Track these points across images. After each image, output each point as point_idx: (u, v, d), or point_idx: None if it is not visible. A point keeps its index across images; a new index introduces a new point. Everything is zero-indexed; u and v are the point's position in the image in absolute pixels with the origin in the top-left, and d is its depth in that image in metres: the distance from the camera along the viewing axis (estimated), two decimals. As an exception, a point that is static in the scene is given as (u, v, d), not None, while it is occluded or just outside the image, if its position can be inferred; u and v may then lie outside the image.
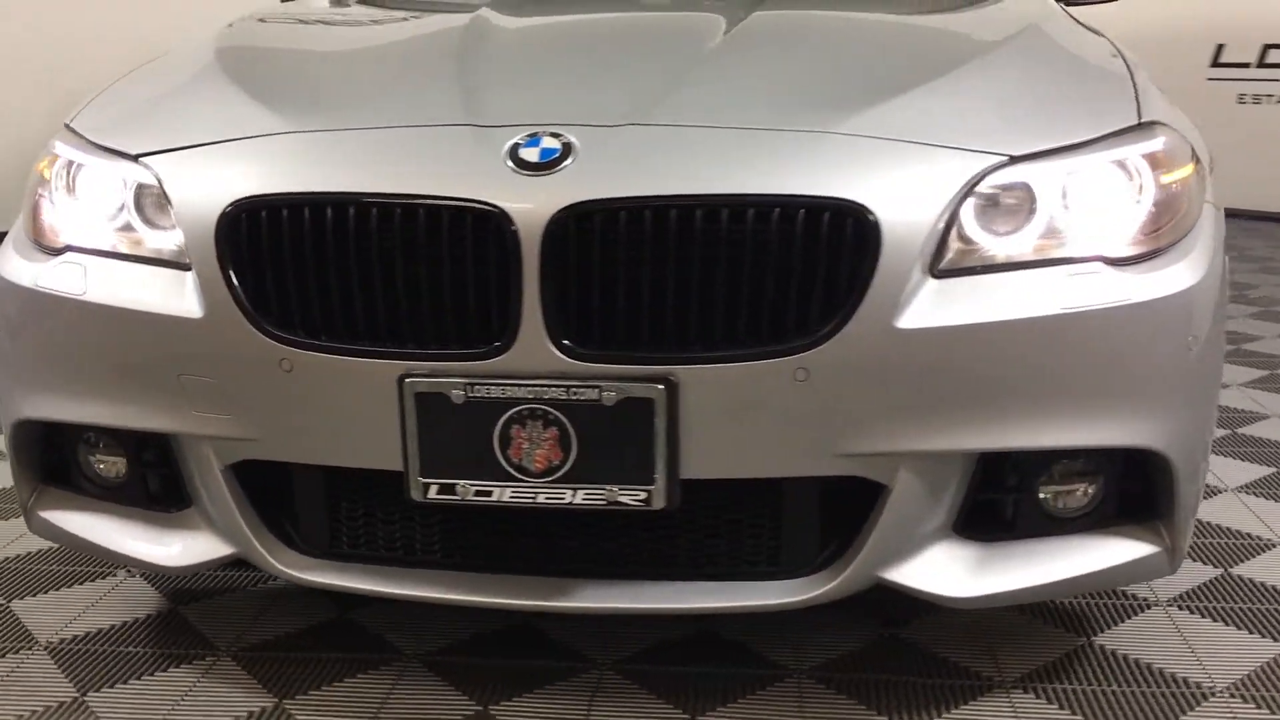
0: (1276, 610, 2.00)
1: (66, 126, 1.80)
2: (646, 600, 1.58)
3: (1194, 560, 2.18)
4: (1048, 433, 1.54)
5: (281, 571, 1.66)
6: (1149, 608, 2.00)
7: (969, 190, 1.51)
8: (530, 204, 1.44)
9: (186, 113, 1.75)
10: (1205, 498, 2.44)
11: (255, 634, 1.93)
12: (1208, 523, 2.36)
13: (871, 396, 1.48)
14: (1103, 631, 1.92)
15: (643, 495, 1.48)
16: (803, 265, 1.44)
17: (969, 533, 1.62)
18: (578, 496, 1.49)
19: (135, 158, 1.65)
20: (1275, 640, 1.90)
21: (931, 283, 1.49)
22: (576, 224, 1.43)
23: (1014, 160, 1.53)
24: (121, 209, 1.65)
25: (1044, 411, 1.53)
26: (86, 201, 1.69)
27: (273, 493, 1.66)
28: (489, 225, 1.44)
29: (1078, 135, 1.59)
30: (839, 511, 1.58)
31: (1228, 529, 2.34)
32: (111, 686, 1.79)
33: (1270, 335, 4.00)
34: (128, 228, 1.64)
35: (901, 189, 1.47)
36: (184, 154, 1.63)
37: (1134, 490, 1.64)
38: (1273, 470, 2.66)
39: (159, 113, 1.79)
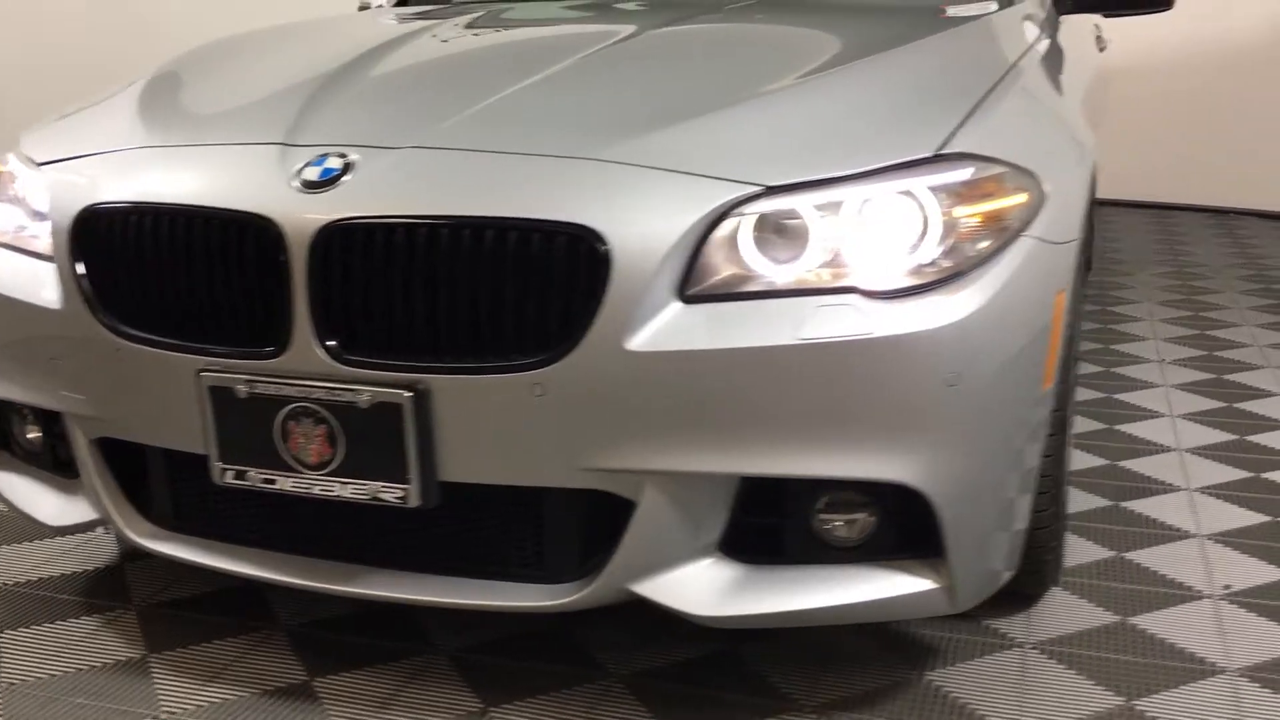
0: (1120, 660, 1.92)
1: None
2: (410, 591, 1.70)
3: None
4: (797, 461, 1.55)
5: (133, 540, 1.87)
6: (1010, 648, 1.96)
7: (719, 218, 1.54)
8: (301, 219, 1.58)
9: (95, 126, 1.99)
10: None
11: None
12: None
13: (607, 415, 1.54)
14: (941, 668, 1.89)
15: (400, 493, 1.60)
16: (539, 286, 1.52)
17: (737, 554, 1.65)
18: (346, 490, 1.62)
19: (39, 165, 1.89)
20: (1112, 691, 1.83)
21: (678, 306, 1.54)
22: (340, 239, 1.56)
23: (771, 191, 1.56)
24: (22, 210, 1.89)
25: (792, 440, 1.54)
26: (7, 203, 1.94)
27: (133, 467, 1.87)
28: (267, 237, 1.59)
29: (855, 166, 1.60)
30: (606, 523, 1.64)
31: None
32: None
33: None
34: (21, 226, 1.88)
35: (641, 215, 1.53)
36: (71, 163, 1.86)
37: (912, 526, 1.62)
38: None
39: (81, 126, 2.03)
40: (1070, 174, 1.84)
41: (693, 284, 1.55)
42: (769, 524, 1.65)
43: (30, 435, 2.02)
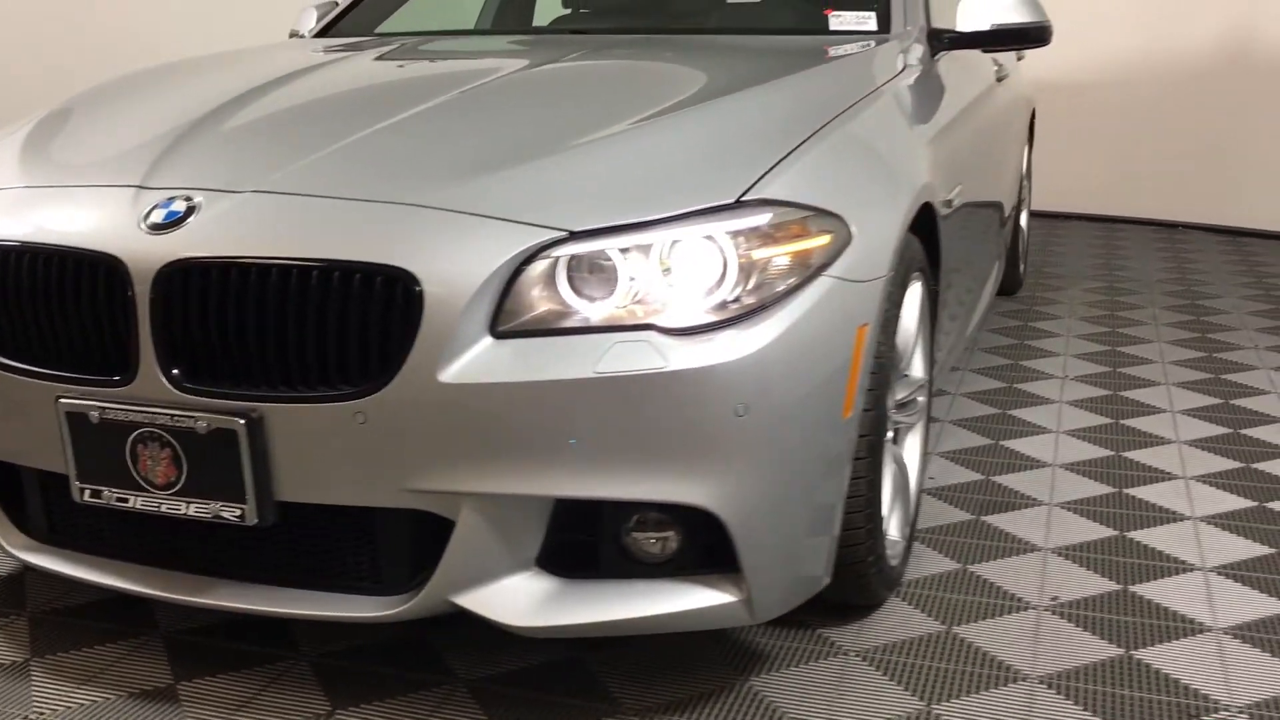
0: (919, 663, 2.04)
1: None
2: (256, 602, 1.83)
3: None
4: (602, 485, 1.69)
5: (9, 551, 2.00)
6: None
7: (526, 261, 1.68)
8: (145, 258, 1.71)
9: None
10: (997, 557, 2.46)
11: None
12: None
13: (424, 441, 1.67)
14: (766, 674, 2.02)
15: (239, 512, 1.73)
16: (359, 322, 1.66)
17: (554, 568, 1.78)
18: (191, 508, 1.76)
19: None
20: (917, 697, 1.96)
21: (489, 342, 1.67)
22: (180, 277, 1.70)
23: (575, 235, 1.69)
24: None
25: (596, 465, 1.68)
26: None
27: (10, 483, 2.00)
28: (116, 275, 1.73)
29: (660, 211, 1.73)
30: (433, 539, 1.77)
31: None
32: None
33: None
34: None
35: (452, 258, 1.66)
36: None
37: (712, 544, 1.76)
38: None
39: None
40: (882, 215, 1.97)
41: (504, 321, 1.68)
42: (583, 541, 1.78)
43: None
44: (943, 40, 2.89)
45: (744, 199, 1.77)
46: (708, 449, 1.68)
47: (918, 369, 2.41)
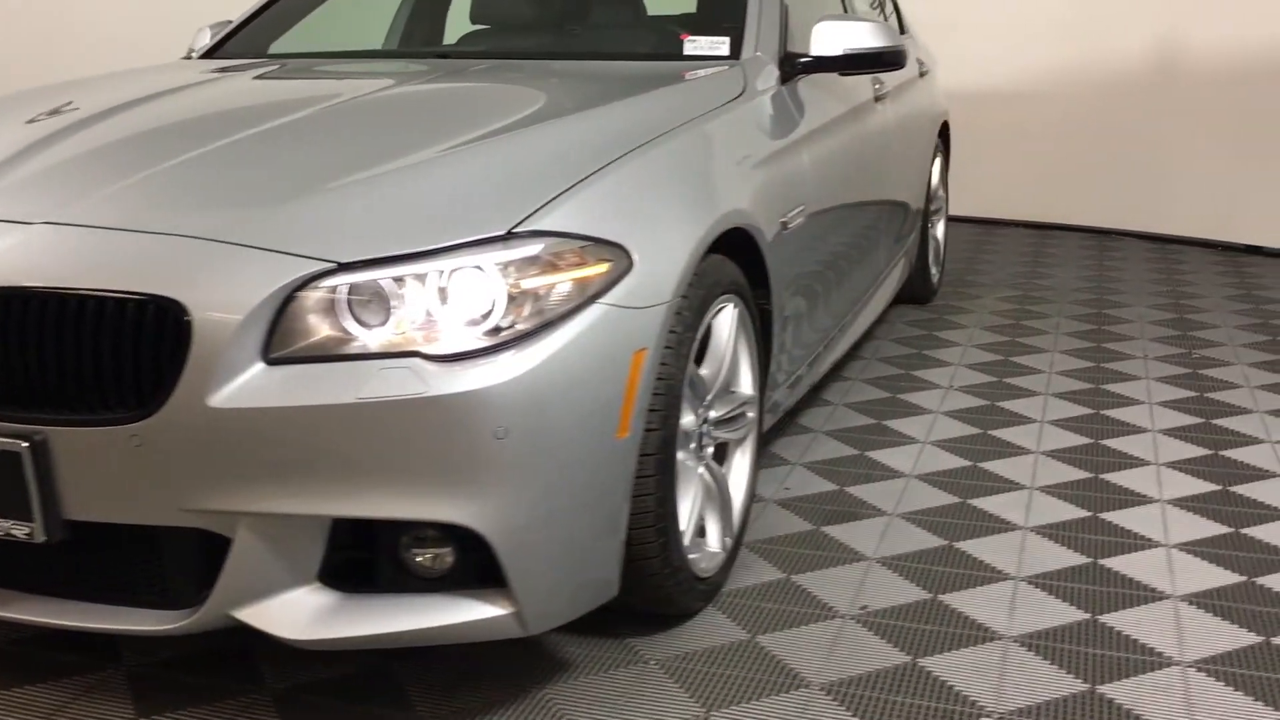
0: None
1: None
2: (52, 615, 1.90)
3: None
4: (372, 505, 1.77)
5: None
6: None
7: (296, 289, 1.76)
8: (-63, 288, 1.79)
9: None
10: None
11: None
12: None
13: (197, 463, 1.75)
14: (564, 682, 2.10)
15: (27, 529, 1.81)
16: (134, 350, 1.74)
17: (336, 583, 1.86)
18: (-16, 525, 1.84)
19: None
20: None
21: (261, 368, 1.75)
22: (-33, 306, 1.78)
23: (343, 267, 1.77)
24: None
25: (366, 486, 1.76)
26: None
27: None
28: (-86, 302, 1.81)
29: (432, 243, 1.81)
30: (219, 556, 1.85)
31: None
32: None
33: None
34: None
35: (222, 288, 1.74)
36: None
37: (483, 560, 1.84)
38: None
39: None
40: (670, 242, 2.06)
41: (277, 348, 1.76)
42: (362, 557, 1.86)
43: None
44: (795, 65, 2.97)
45: (515, 231, 1.86)
46: (470, 470, 1.76)
47: (744, 386, 2.50)
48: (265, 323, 1.75)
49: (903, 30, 4.87)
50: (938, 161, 4.99)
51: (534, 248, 1.85)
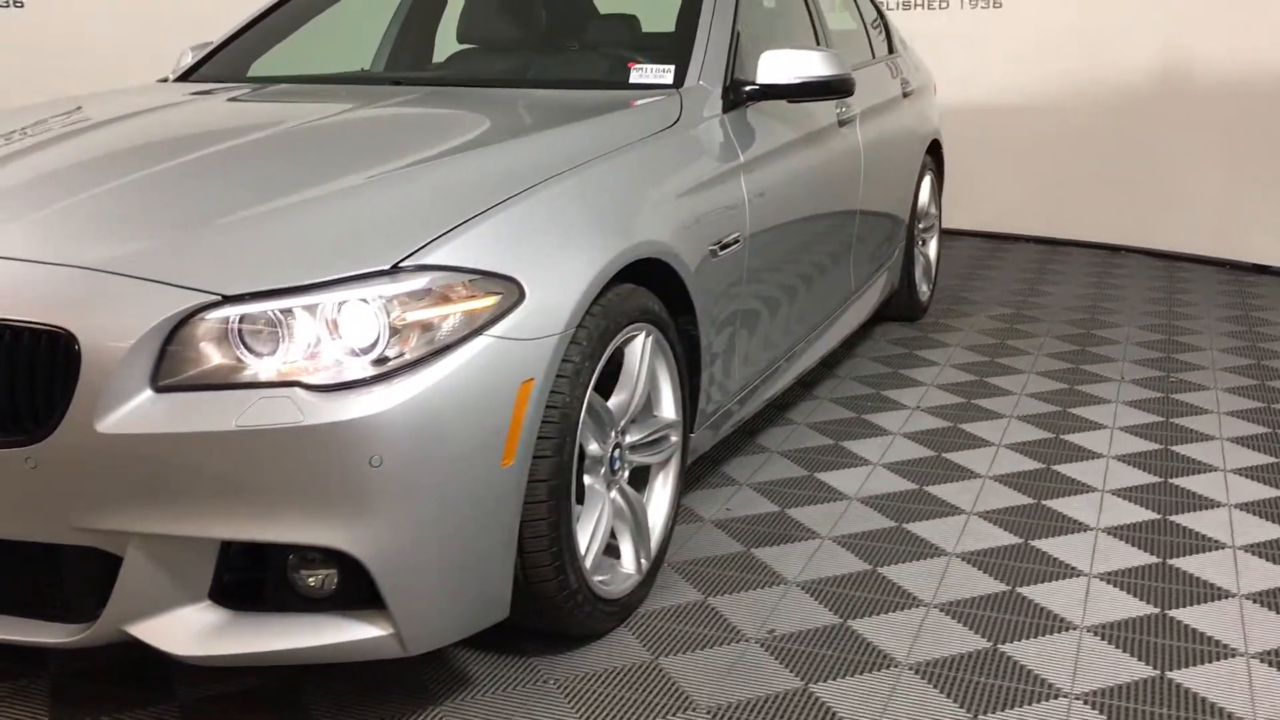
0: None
1: None
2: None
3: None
4: (255, 528, 1.85)
5: None
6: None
7: (182, 321, 1.84)
8: None
9: None
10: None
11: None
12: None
13: (87, 484, 1.84)
14: (461, 699, 2.17)
15: (-69, 544, 1.91)
16: (26, 375, 1.83)
17: (226, 601, 1.94)
18: (-107, 538, 1.94)
19: None
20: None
21: (149, 395, 1.84)
22: (-120, 334, 1.88)
23: (227, 299, 1.85)
24: None
25: (247, 509, 1.84)
26: None
27: None
28: None
29: (318, 276, 1.89)
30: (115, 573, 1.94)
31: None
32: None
33: None
34: None
35: (110, 318, 1.83)
36: None
37: (364, 582, 1.91)
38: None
39: None
40: (566, 274, 2.11)
41: (165, 375, 1.84)
42: (251, 577, 1.94)
43: None
44: (742, 93, 3.02)
45: (401, 265, 1.93)
46: (345, 497, 1.83)
47: (666, 410, 2.55)
48: (153, 352, 1.83)
49: (892, 49, 4.89)
50: (927, 180, 5.00)
51: (419, 281, 1.92)
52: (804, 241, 3.36)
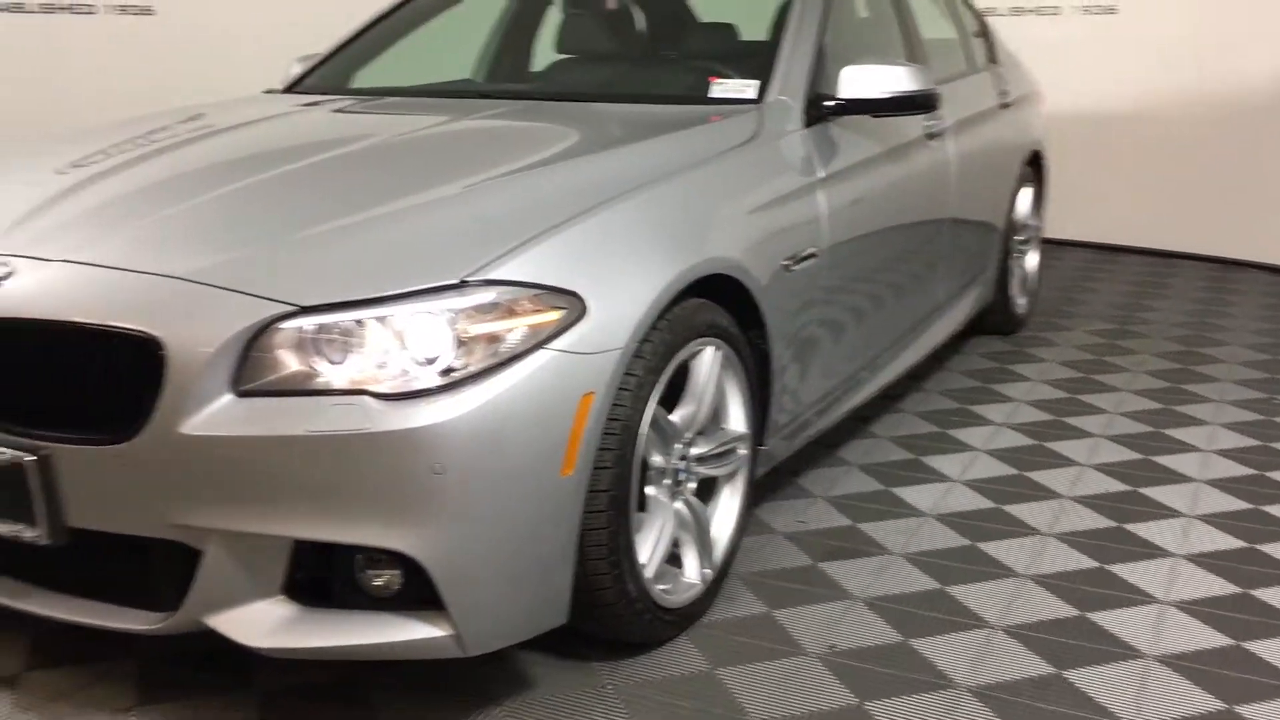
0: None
1: None
2: (53, 608, 2.12)
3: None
4: (325, 529, 1.94)
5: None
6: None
7: (262, 329, 1.94)
8: (-34, 315, 2.05)
9: None
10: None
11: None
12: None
13: (172, 483, 1.95)
14: (517, 699, 2.24)
15: (34, 533, 2.04)
16: (119, 379, 1.95)
17: (298, 596, 2.04)
18: (2, 528, 2.08)
19: None
20: None
21: (229, 399, 1.94)
22: (-11, 332, 2.03)
23: (303, 310, 1.95)
24: None
25: (317, 511, 1.93)
26: None
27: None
28: (-56, 327, 2.06)
29: (389, 290, 1.97)
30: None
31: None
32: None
33: None
34: None
35: (194, 326, 1.94)
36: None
37: (426, 583, 1.99)
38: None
39: None
40: (631, 291, 2.16)
41: (245, 381, 1.95)
42: (321, 575, 2.03)
43: None
44: (823, 108, 3.03)
45: (468, 280, 2.00)
46: (408, 502, 1.91)
47: (735, 424, 2.58)
48: (234, 358, 1.94)
49: (993, 59, 4.83)
50: (1027, 191, 4.93)
51: (485, 296, 1.99)
52: (885, 255, 3.35)
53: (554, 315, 2.04)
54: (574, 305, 2.07)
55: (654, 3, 4.02)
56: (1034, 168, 5.04)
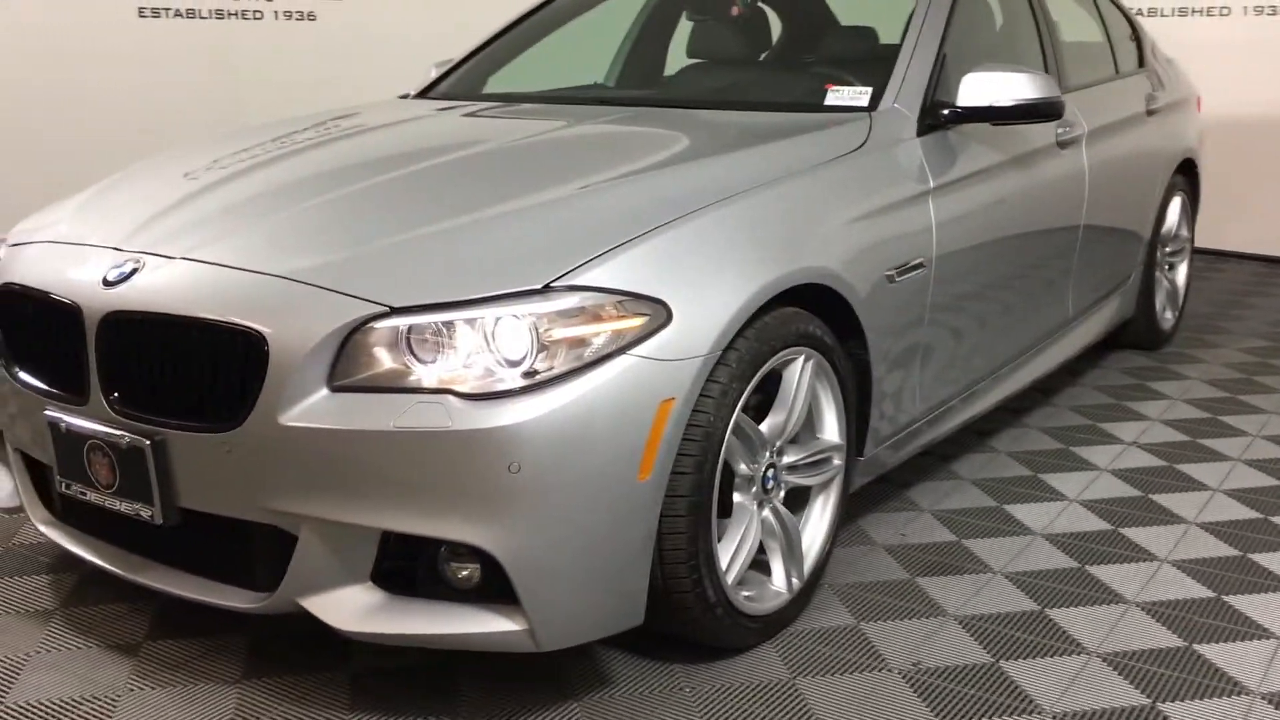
0: None
1: None
2: (165, 582, 2.28)
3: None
4: (408, 521, 2.03)
5: (37, 525, 2.56)
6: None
7: (355, 328, 2.03)
8: (96, 309, 2.21)
9: (41, 218, 2.71)
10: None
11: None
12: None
13: (271, 471, 2.07)
14: (594, 694, 2.28)
15: (149, 512, 2.19)
16: (226, 370, 2.08)
17: (386, 584, 2.13)
18: (121, 506, 2.23)
19: (5, 245, 2.63)
20: None
21: (325, 393, 2.05)
22: (114, 325, 2.18)
23: (394, 311, 2.03)
24: None
25: (401, 503, 2.02)
26: None
27: (40, 470, 2.56)
28: (77, 319, 2.23)
29: (476, 293, 2.05)
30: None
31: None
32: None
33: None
34: None
35: (295, 322, 2.05)
36: (18, 247, 2.58)
37: (503, 578, 2.05)
38: None
39: (38, 216, 2.75)
40: (716, 299, 2.17)
41: (339, 376, 2.05)
42: (407, 565, 2.12)
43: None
44: (940, 116, 2.99)
45: (552, 285, 2.05)
46: (485, 498, 1.98)
47: (829, 433, 2.58)
48: (330, 354, 2.04)
49: (1143, 64, 4.66)
50: (1176, 201, 4.74)
51: (569, 301, 2.05)
52: (1005, 267, 3.28)
53: (638, 321, 2.08)
54: (658, 312, 2.10)
55: (792, 7, 4.02)
56: (1186, 176, 4.83)
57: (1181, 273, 5.00)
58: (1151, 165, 4.39)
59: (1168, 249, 4.81)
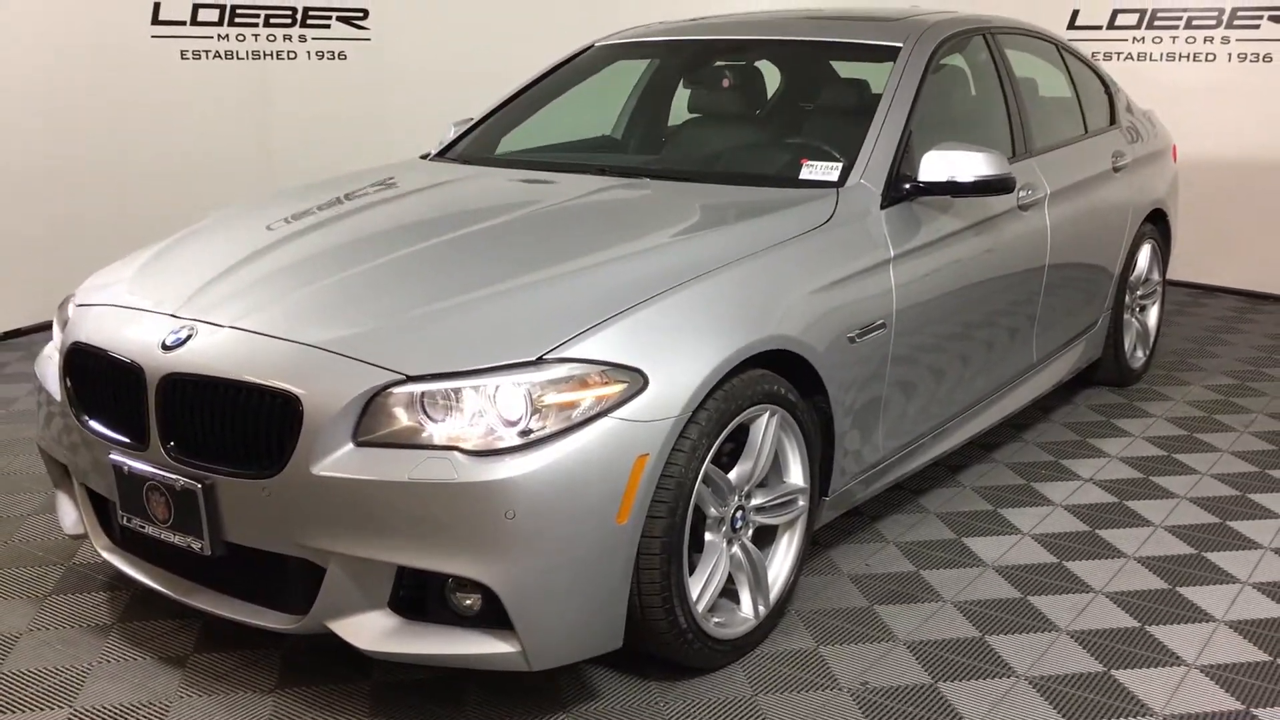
0: None
1: None
2: (212, 605, 2.64)
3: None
4: (419, 558, 2.38)
5: (99, 550, 2.94)
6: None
7: (376, 393, 2.39)
8: (155, 369, 2.57)
9: (105, 278, 3.09)
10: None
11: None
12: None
13: (303, 513, 2.43)
14: (581, 706, 2.63)
15: (200, 545, 2.56)
16: (266, 426, 2.44)
17: (401, 610, 2.49)
18: (176, 539, 2.60)
19: (77, 305, 3.01)
20: None
21: (350, 447, 2.41)
22: (171, 384, 2.55)
23: (409, 379, 2.39)
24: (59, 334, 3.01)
25: (413, 543, 2.37)
26: (59, 326, 3.07)
27: (102, 503, 2.94)
28: (140, 378, 2.60)
29: (478, 364, 2.40)
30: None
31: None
32: None
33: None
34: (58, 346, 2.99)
35: (325, 386, 2.41)
36: (80, 308, 2.96)
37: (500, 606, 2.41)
38: None
39: (101, 276, 3.13)
40: (686, 366, 2.52)
41: (362, 433, 2.41)
42: (419, 594, 2.48)
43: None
44: (902, 190, 3.33)
45: (545, 357, 2.41)
46: (484, 540, 2.33)
47: (794, 478, 2.92)
48: (355, 414, 2.40)
49: (1114, 121, 4.98)
50: (1146, 248, 5.05)
51: (559, 371, 2.40)
52: (965, 322, 3.60)
53: (618, 387, 2.43)
54: (635, 379, 2.45)
55: (792, 62, 4.34)
56: (1157, 224, 5.15)
57: (1153, 314, 5.31)
58: (1118, 218, 4.71)
59: (1139, 293, 5.13)
